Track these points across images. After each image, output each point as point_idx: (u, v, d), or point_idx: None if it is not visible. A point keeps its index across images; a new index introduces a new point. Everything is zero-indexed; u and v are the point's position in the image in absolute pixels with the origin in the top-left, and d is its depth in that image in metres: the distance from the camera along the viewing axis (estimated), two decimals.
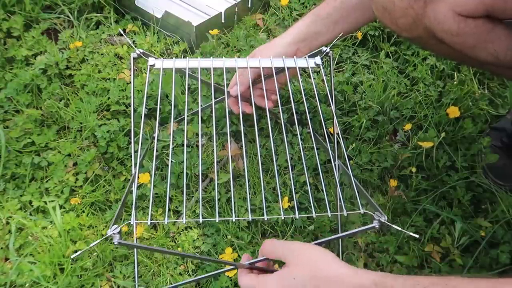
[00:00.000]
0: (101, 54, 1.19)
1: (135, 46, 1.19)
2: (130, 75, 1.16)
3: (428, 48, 0.93)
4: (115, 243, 0.58)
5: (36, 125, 1.05)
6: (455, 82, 1.15)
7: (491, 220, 0.91)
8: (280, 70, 0.84)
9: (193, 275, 0.86)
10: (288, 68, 0.81)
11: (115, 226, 0.60)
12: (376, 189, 0.97)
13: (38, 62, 1.13)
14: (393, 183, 0.94)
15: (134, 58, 0.80)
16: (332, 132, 0.98)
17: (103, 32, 1.24)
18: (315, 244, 0.64)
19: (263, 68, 0.82)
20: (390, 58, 1.20)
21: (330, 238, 0.68)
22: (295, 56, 0.84)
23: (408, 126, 1.01)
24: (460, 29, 0.64)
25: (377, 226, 0.62)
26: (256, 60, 0.82)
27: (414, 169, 0.95)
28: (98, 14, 1.27)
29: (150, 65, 0.79)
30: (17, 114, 1.07)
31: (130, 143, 1.03)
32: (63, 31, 1.23)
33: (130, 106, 1.08)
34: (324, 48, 0.84)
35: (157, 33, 1.23)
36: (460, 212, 0.92)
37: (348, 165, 0.72)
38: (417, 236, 0.63)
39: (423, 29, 0.69)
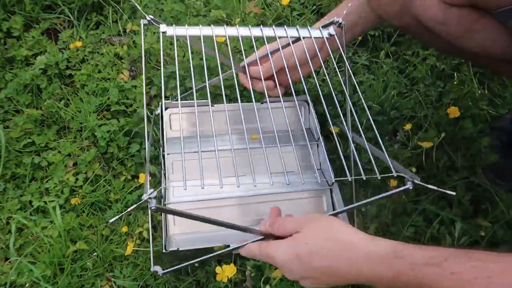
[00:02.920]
0: (101, 54, 1.19)
1: (135, 47, 1.19)
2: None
3: (419, 37, 0.93)
4: (152, 207, 0.53)
5: (36, 125, 1.05)
6: (455, 82, 1.15)
7: (491, 220, 0.91)
8: (294, 42, 0.82)
9: (192, 275, 0.86)
10: (303, 37, 0.79)
11: (151, 190, 0.54)
12: (376, 189, 0.97)
13: (38, 62, 1.13)
14: (393, 183, 0.94)
15: (144, 24, 0.76)
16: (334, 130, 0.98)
17: (103, 32, 1.24)
18: (338, 212, 0.64)
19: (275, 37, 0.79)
20: (390, 58, 1.20)
21: (359, 204, 0.63)
22: (308, 27, 0.80)
23: (408, 126, 1.01)
24: (445, 17, 0.65)
25: (411, 187, 0.60)
26: (271, 29, 0.79)
27: (414, 169, 0.95)
28: (98, 15, 1.27)
29: (162, 32, 0.75)
30: (17, 114, 1.07)
31: (130, 143, 1.03)
32: (63, 31, 1.23)
33: (131, 106, 1.09)
34: (336, 19, 0.79)
35: (156, 32, 1.23)
36: (460, 212, 0.92)
37: (362, 135, 0.70)
38: (454, 193, 0.60)
39: (411, 17, 0.69)
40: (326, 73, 0.71)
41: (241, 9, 1.29)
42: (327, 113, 0.68)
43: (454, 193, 0.60)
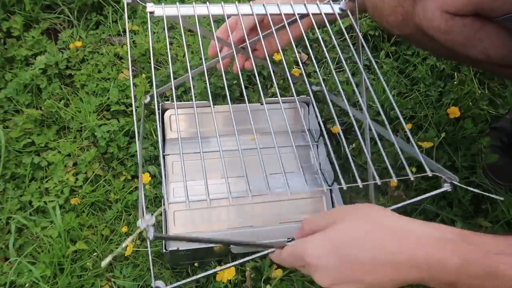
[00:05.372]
0: (101, 54, 1.19)
1: (135, 46, 1.19)
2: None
3: (422, 46, 0.93)
4: (150, 238, 0.48)
5: (36, 125, 1.05)
6: (455, 82, 1.15)
7: (491, 220, 0.91)
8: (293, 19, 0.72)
9: (193, 275, 0.86)
10: (313, 14, 0.69)
11: (148, 215, 0.49)
12: (376, 189, 0.97)
13: (38, 62, 1.13)
14: (393, 183, 0.94)
15: (128, 3, 0.66)
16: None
17: (103, 32, 1.24)
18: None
19: (281, 14, 0.69)
20: (390, 58, 1.20)
21: (399, 205, 0.59)
22: (318, 1, 0.71)
23: (408, 126, 1.01)
24: (449, 26, 0.65)
25: (449, 189, 0.56)
26: (275, 6, 0.69)
27: (414, 169, 0.95)
28: (98, 14, 1.27)
29: (150, 13, 0.66)
30: (17, 114, 1.07)
31: (130, 143, 1.03)
32: (63, 31, 1.23)
33: (131, 106, 1.09)
34: None
35: (157, 32, 1.23)
36: (460, 212, 0.92)
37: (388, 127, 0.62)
38: (502, 198, 0.59)
39: (413, 27, 0.69)
40: (331, 68, 0.71)
41: None
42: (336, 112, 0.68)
43: (502, 198, 0.59)
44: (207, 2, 0.67)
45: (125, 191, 0.96)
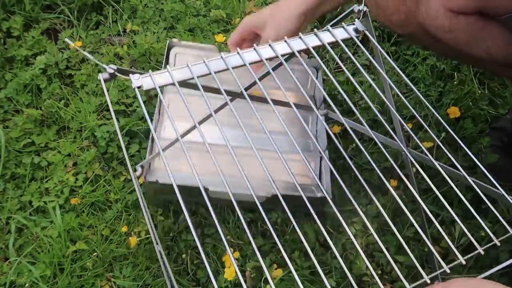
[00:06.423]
0: (101, 54, 1.19)
1: (135, 46, 1.19)
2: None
3: (424, 45, 0.93)
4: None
5: (36, 125, 1.05)
6: (455, 82, 1.15)
7: (491, 220, 0.91)
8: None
9: (192, 275, 0.86)
10: (328, 43, 0.64)
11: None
12: (376, 189, 0.97)
13: (38, 62, 1.13)
14: (393, 183, 0.94)
15: (105, 80, 0.55)
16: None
17: (103, 32, 1.24)
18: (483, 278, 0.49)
19: (293, 53, 0.64)
20: (390, 58, 1.20)
21: (492, 270, 0.50)
22: (329, 27, 0.65)
23: (408, 126, 1.01)
24: (452, 25, 0.65)
25: None
26: (282, 43, 0.63)
27: (414, 169, 0.95)
28: (98, 14, 1.27)
29: (137, 87, 0.55)
30: (17, 114, 1.07)
31: (130, 143, 1.03)
32: (63, 31, 1.23)
33: (130, 106, 1.08)
34: (356, 7, 0.66)
35: (157, 32, 1.23)
36: (460, 212, 0.92)
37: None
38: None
39: (416, 25, 0.69)
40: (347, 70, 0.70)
41: (241, 9, 1.29)
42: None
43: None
44: (204, 58, 0.59)
45: (125, 191, 0.96)
